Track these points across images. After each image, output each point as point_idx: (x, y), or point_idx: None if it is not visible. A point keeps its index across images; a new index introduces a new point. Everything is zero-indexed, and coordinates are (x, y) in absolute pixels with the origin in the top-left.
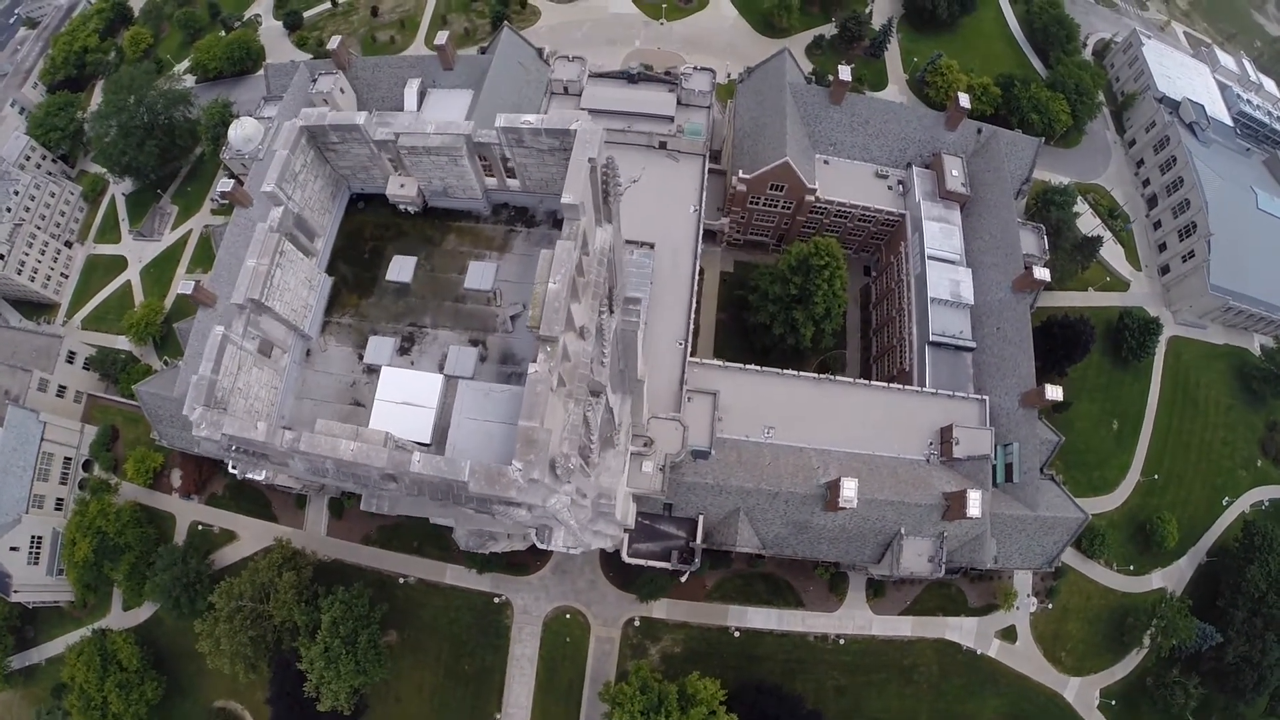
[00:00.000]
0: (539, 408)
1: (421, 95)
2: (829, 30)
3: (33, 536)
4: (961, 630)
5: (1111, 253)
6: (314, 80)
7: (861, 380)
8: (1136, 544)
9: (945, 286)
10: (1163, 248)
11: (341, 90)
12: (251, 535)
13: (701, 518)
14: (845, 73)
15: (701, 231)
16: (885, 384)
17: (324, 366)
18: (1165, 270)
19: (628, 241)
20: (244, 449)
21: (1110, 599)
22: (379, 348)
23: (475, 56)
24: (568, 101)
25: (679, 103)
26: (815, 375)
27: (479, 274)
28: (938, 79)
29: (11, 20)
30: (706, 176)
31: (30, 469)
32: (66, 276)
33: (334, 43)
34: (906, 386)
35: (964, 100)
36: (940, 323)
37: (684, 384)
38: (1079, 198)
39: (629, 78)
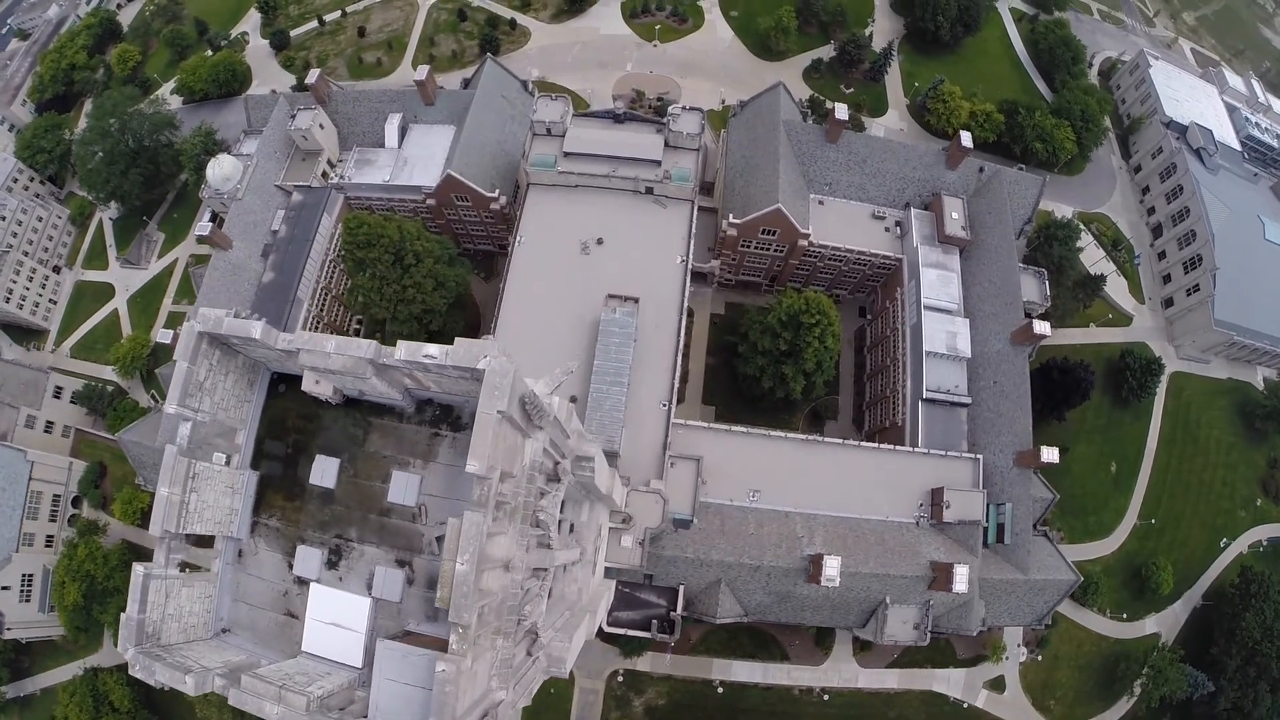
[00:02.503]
0: (449, 707)
1: (403, 130)
2: (827, 53)
3: (24, 575)
4: (949, 682)
5: (1114, 286)
6: (293, 116)
7: (850, 441)
8: (1131, 590)
9: (941, 339)
10: (1167, 279)
11: (321, 126)
12: None
13: (682, 587)
14: (841, 111)
15: (689, 283)
16: (875, 445)
17: (256, 570)
18: (1169, 303)
19: (611, 297)
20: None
21: (1102, 645)
22: (307, 559)
23: (458, 92)
24: (551, 143)
25: (666, 145)
26: (803, 437)
27: (402, 487)
28: (939, 105)
29: (4, 31)
30: (696, 218)
31: (19, 508)
32: (55, 302)
33: (313, 76)
34: (897, 447)
35: (966, 139)
36: (935, 378)
37: (667, 448)
38: (1082, 230)
39: (615, 117)
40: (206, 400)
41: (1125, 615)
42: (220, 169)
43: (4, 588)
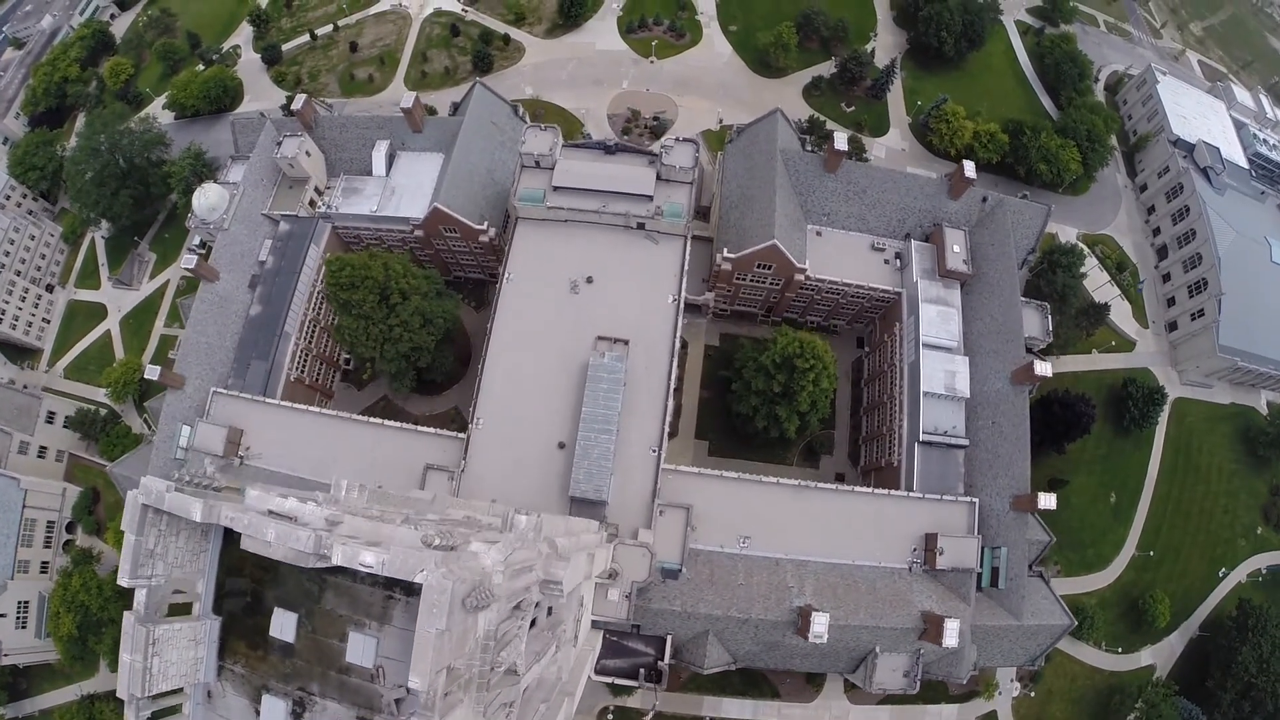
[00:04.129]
0: None
1: (391, 158)
2: (828, 69)
3: (19, 602)
4: (941, 718)
5: (1118, 310)
6: (279, 143)
7: (844, 487)
8: (1127, 622)
9: (940, 379)
10: (1171, 302)
11: (308, 153)
12: None
13: (670, 637)
14: (840, 141)
15: (682, 317)
16: (868, 489)
17: (225, 712)
18: (1173, 327)
19: (600, 339)
20: None
21: (1096, 679)
22: (272, 709)
23: (446, 119)
24: (540, 176)
25: (659, 178)
26: (796, 482)
27: (359, 648)
28: (942, 125)
29: None
30: (690, 248)
31: (13, 536)
32: (48, 322)
33: (299, 102)
34: (891, 491)
35: (969, 169)
36: (932, 419)
37: (656, 497)
38: (1086, 253)
39: (606, 148)
40: (160, 564)
41: (1120, 648)
42: (206, 198)
43: (0, 615)
